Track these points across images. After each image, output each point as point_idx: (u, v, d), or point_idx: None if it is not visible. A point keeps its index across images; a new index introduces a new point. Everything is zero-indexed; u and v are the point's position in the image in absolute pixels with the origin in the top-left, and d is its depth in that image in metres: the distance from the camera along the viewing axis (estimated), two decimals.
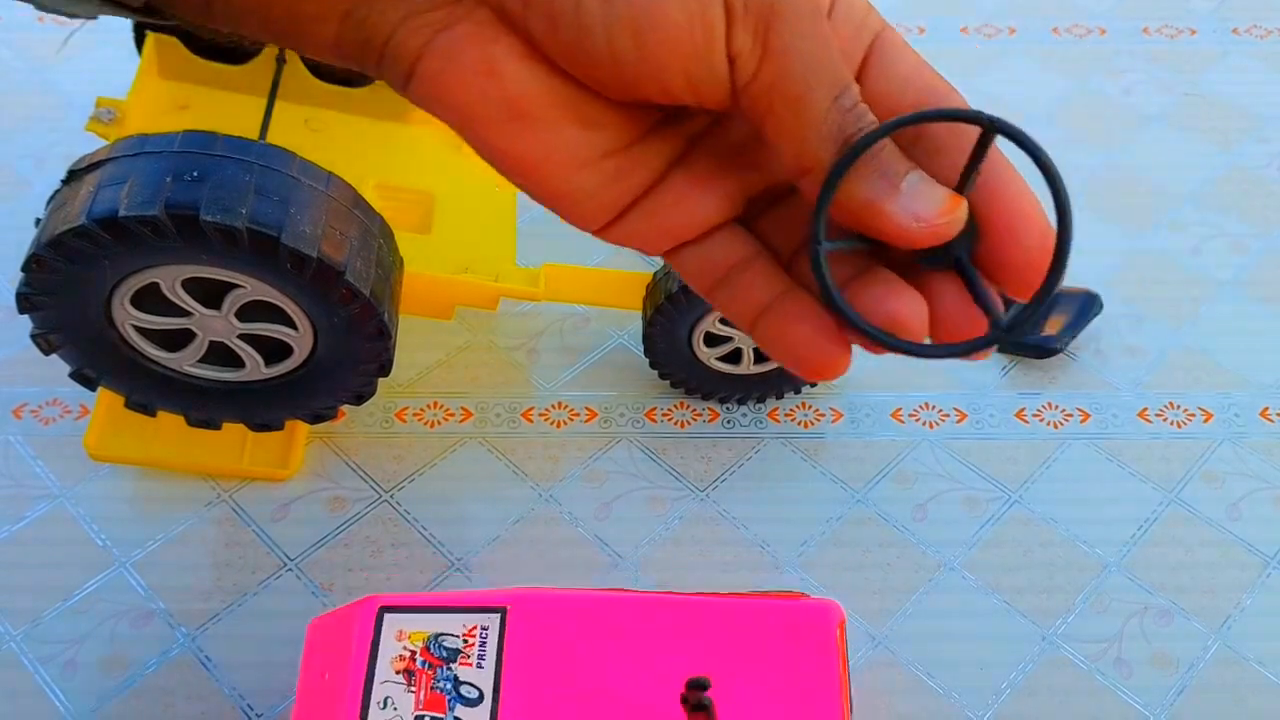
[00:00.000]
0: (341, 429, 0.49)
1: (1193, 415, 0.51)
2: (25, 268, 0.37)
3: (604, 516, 0.47)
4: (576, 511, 0.47)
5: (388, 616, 0.35)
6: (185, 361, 0.42)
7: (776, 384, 0.50)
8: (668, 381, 0.50)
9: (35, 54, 0.66)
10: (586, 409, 0.50)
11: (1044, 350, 0.52)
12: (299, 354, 0.42)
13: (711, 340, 0.48)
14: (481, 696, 0.33)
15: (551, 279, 0.48)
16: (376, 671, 0.33)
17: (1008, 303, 0.23)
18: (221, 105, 0.51)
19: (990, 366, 0.53)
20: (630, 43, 0.23)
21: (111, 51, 0.66)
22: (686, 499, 0.47)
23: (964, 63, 0.70)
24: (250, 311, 0.40)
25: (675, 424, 0.50)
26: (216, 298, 0.39)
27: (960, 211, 0.24)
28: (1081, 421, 0.51)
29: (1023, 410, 0.51)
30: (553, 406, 0.50)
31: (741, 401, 0.50)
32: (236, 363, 0.42)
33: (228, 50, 0.52)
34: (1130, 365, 0.53)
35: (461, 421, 0.50)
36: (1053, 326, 0.53)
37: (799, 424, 0.50)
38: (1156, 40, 0.71)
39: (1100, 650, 0.43)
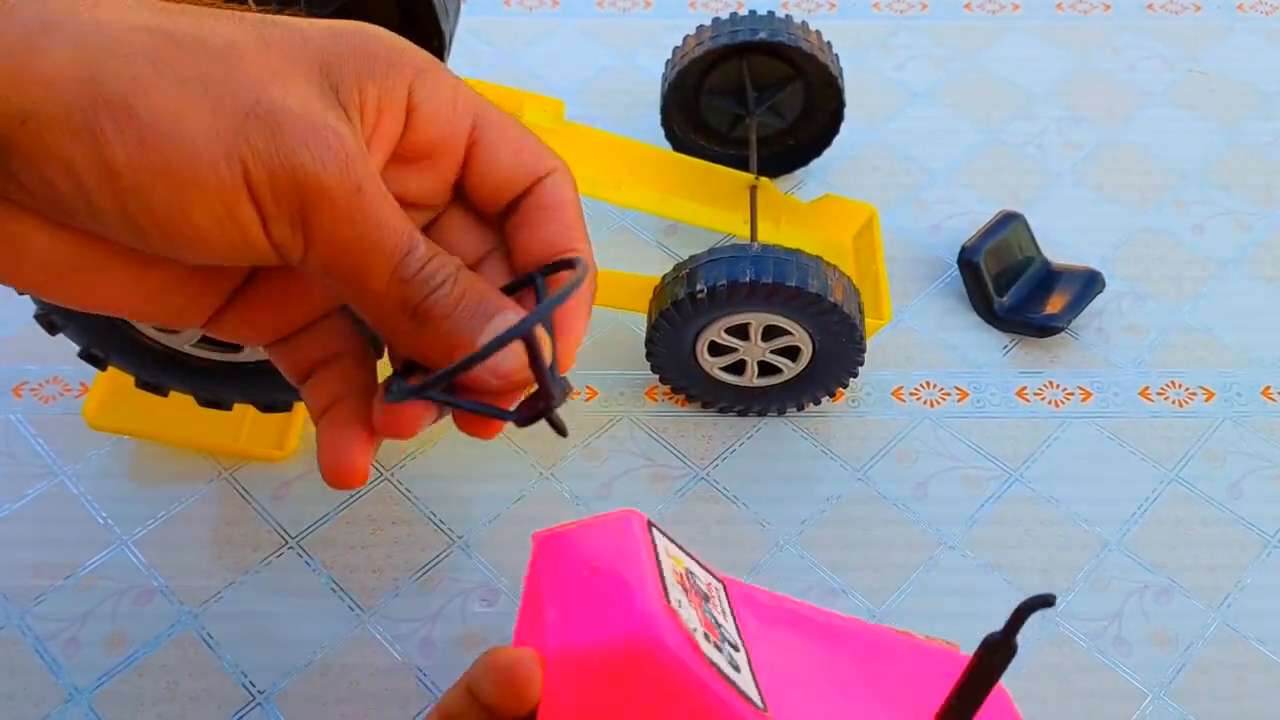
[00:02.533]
0: None
1: (1194, 394, 0.51)
2: None
3: (605, 495, 0.47)
4: (577, 490, 0.47)
5: (654, 530, 0.29)
6: (185, 342, 0.42)
7: (779, 398, 0.49)
8: (668, 387, 0.50)
9: None
10: (587, 388, 0.50)
11: (1045, 329, 0.52)
12: None
13: (716, 350, 0.47)
14: (737, 645, 0.28)
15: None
16: (664, 568, 0.27)
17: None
18: None
19: (991, 345, 0.53)
20: (164, 244, 0.23)
21: None
22: (686, 477, 0.47)
23: (967, 39, 0.69)
24: None
25: (675, 402, 0.50)
26: None
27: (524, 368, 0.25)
28: (1083, 400, 0.51)
29: (1024, 389, 0.51)
30: None
31: (743, 413, 0.50)
32: (234, 345, 0.42)
33: None
34: (1132, 344, 0.53)
35: None
36: (1054, 305, 0.53)
37: (799, 402, 0.50)
38: (1161, 17, 0.71)
39: (1100, 628, 0.43)
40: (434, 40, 0.54)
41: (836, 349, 0.46)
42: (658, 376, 0.49)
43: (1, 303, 0.52)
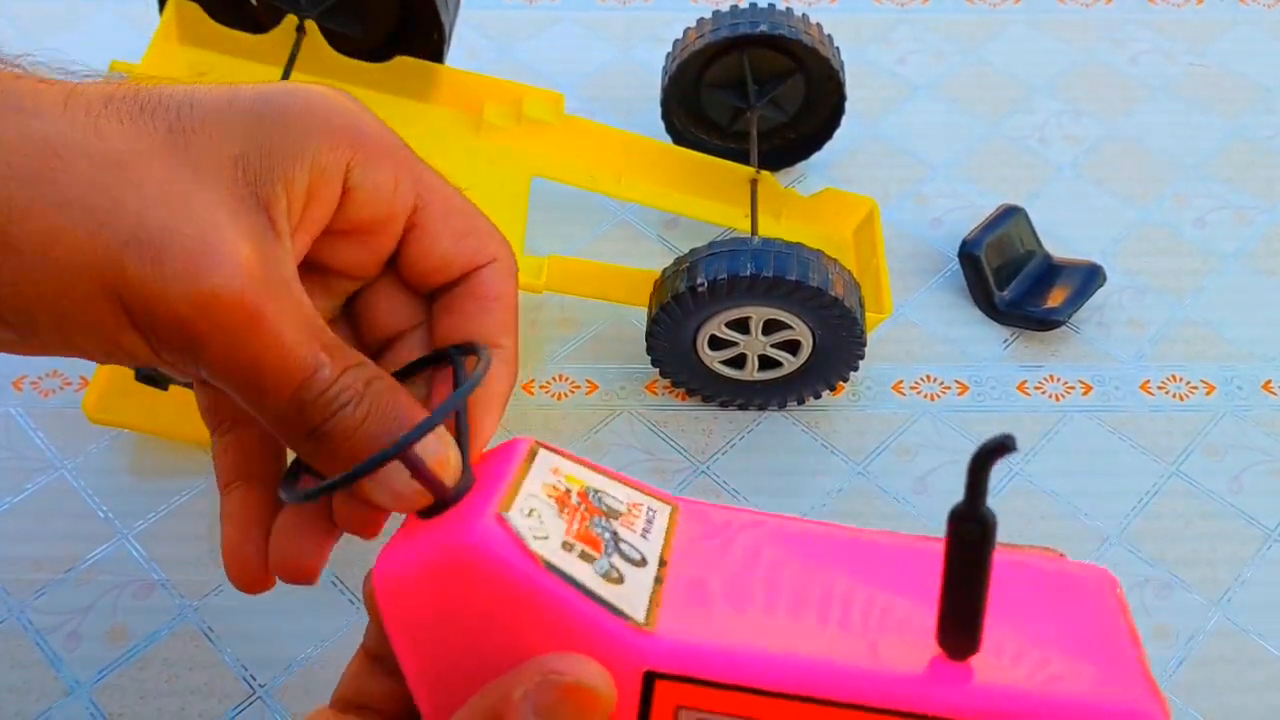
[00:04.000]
0: None
1: (1195, 388, 0.51)
2: None
3: None
4: None
5: (543, 452, 0.27)
6: None
7: (780, 393, 0.49)
8: (669, 380, 0.49)
9: (30, 25, 0.65)
10: (588, 381, 0.50)
11: (1046, 322, 0.52)
12: None
13: (716, 344, 0.47)
14: (644, 561, 0.25)
15: (555, 271, 0.48)
16: (525, 485, 0.25)
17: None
18: (239, 73, 0.51)
19: (992, 339, 0.53)
20: (62, 354, 0.23)
21: (108, 20, 0.65)
22: (687, 471, 0.47)
23: (968, 32, 0.69)
24: None
25: (676, 396, 0.50)
26: None
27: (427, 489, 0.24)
28: (1083, 394, 0.51)
29: (1024, 383, 0.51)
30: (554, 379, 0.50)
31: (743, 407, 0.50)
32: None
33: (247, 18, 0.52)
34: (1133, 338, 0.53)
35: None
36: (1055, 298, 0.53)
37: (799, 396, 0.50)
38: (1162, 10, 0.71)
39: None
40: (434, 34, 0.54)
41: (837, 343, 0.46)
42: (658, 370, 0.49)
43: None
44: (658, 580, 0.25)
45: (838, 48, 0.56)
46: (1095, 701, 0.23)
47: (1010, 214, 0.55)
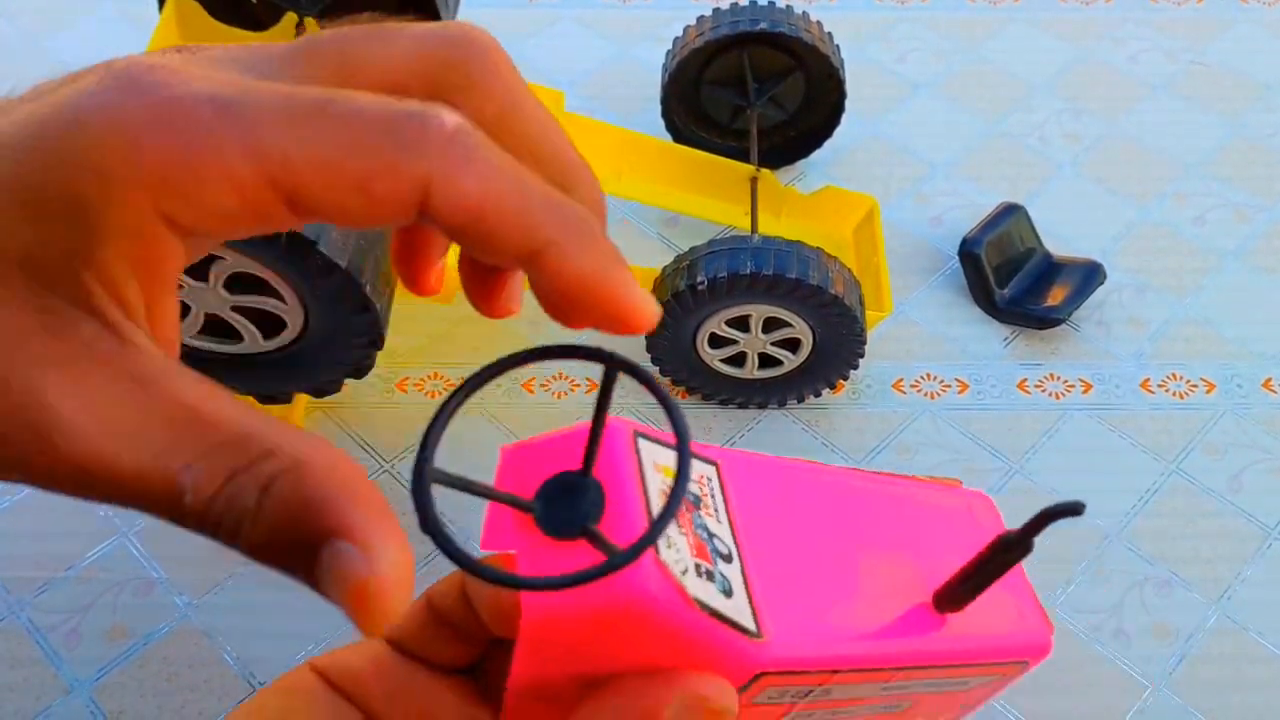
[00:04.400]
0: (343, 400, 0.49)
1: (1195, 386, 0.51)
2: None
3: None
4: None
5: (643, 443, 0.26)
6: (185, 334, 0.42)
7: (780, 391, 0.49)
8: (669, 379, 0.49)
9: (30, 25, 0.65)
10: (588, 379, 0.50)
11: (1046, 321, 0.52)
12: (292, 327, 0.41)
13: (716, 342, 0.47)
14: (730, 553, 0.26)
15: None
16: (651, 498, 0.25)
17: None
18: None
19: (992, 337, 0.53)
20: None
21: (102, 20, 0.65)
22: None
23: (968, 31, 0.69)
24: (238, 284, 0.40)
25: (676, 394, 0.50)
26: (203, 270, 0.39)
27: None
28: (1083, 392, 0.51)
29: (1024, 381, 0.51)
30: (554, 377, 0.50)
31: (743, 406, 0.50)
32: (235, 335, 0.42)
33: (247, 16, 0.52)
34: (1133, 336, 0.53)
35: None
36: (1055, 297, 0.53)
37: (799, 394, 0.50)
38: (1163, 9, 0.71)
39: (1100, 620, 0.43)
40: None
41: (837, 341, 0.46)
42: (658, 368, 0.49)
43: None
44: (743, 575, 0.26)
45: (838, 45, 0.56)
46: (1017, 638, 0.31)
47: (1010, 212, 0.55)
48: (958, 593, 0.28)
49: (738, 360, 0.48)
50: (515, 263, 0.20)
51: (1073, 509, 0.25)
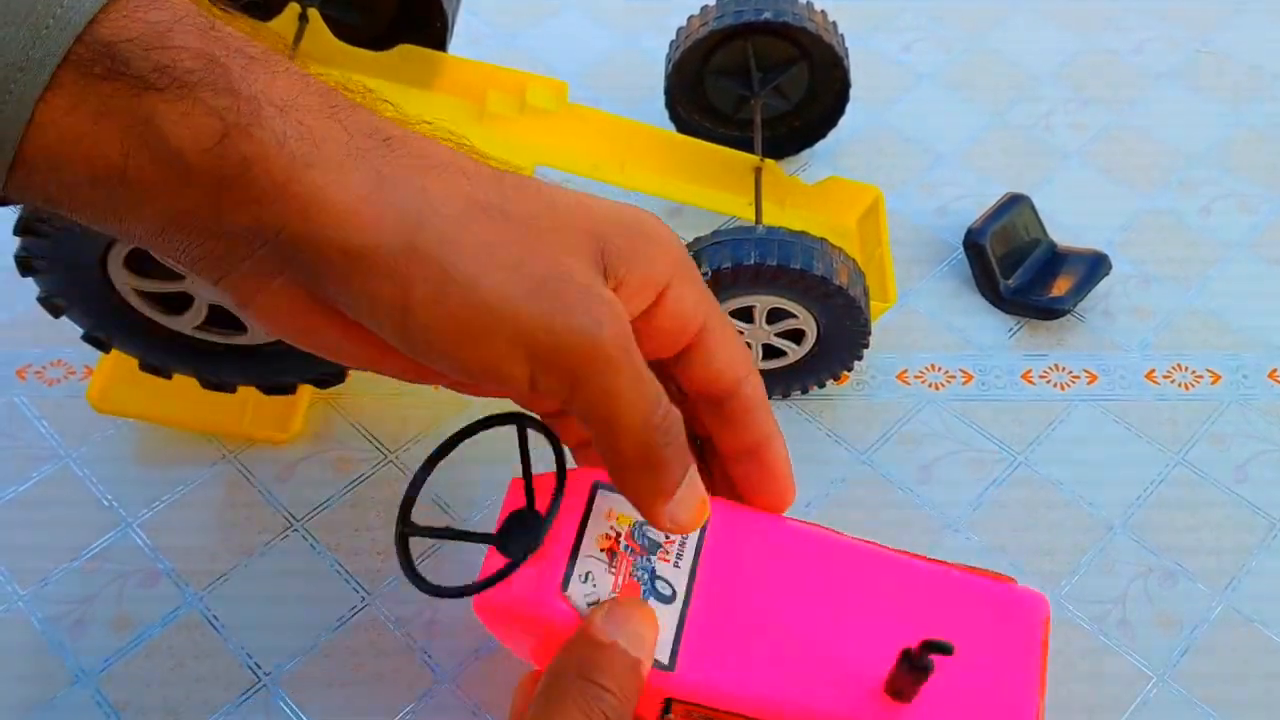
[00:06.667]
0: (347, 391, 0.49)
1: (1200, 377, 0.51)
2: (16, 230, 0.37)
3: None
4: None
5: (601, 492, 0.33)
6: (188, 324, 0.42)
7: (784, 381, 0.49)
8: None
9: None
10: None
11: (1051, 311, 0.52)
12: None
13: None
14: (674, 595, 0.32)
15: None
16: (583, 545, 0.32)
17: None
18: None
19: (997, 328, 0.53)
20: (432, 363, 0.28)
21: None
22: None
23: (973, 20, 0.69)
24: None
25: None
26: None
27: (704, 514, 0.31)
28: (1088, 383, 0.51)
29: (1029, 371, 0.51)
30: None
31: None
32: (239, 326, 0.42)
33: (250, 5, 0.52)
34: (1138, 326, 0.53)
35: None
36: (1060, 287, 0.53)
37: (804, 385, 0.50)
38: None
39: (1104, 611, 0.43)
40: (436, 22, 0.54)
41: (841, 332, 0.46)
42: None
43: (4, 286, 0.52)
44: (682, 616, 0.32)
45: (842, 35, 0.56)
46: None
47: (1015, 202, 0.55)
48: (899, 684, 0.31)
49: None
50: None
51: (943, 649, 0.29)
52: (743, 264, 0.43)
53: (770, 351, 0.48)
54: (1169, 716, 0.41)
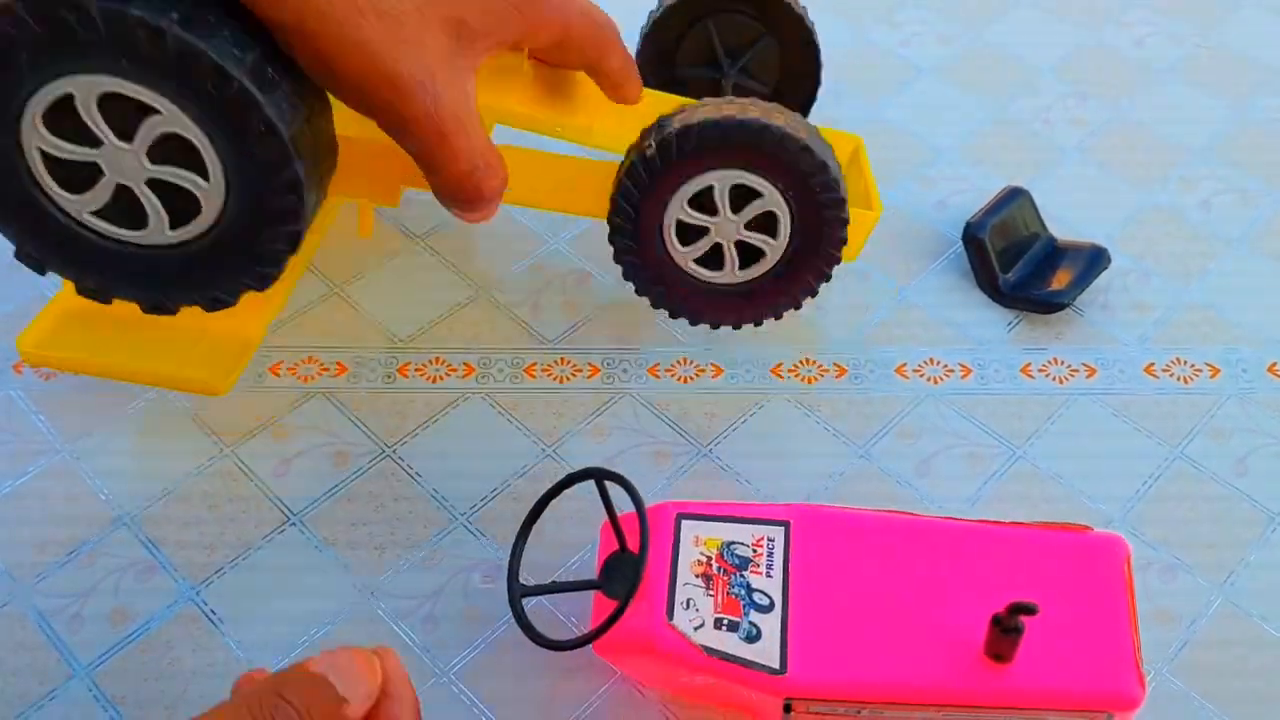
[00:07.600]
0: (344, 384, 0.49)
1: (1200, 371, 0.51)
2: None
3: None
4: (581, 466, 0.47)
5: (685, 523, 0.37)
6: (88, 206, 0.39)
7: (769, 296, 0.47)
8: (648, 299, 0.48)
9: None
10: (589, 365, 0.50)
11: (1050, 305, 0.52)
12: (207, 214, 0.39)
13: (686, 237, 0.45)
14: (773, 604, 0.35)
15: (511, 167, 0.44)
16: (679, 574, 0.36)
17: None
18: None
19: (996, 322, 0.53)
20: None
21: None
22: (689, 454, 0.47)
23: (973, 14, 0.69)
24: (163, 154, 0.38)
25: (678, 379, 0.50)
26: (134, 124, 0.37)
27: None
28: (1087, 377, 0.51)
29: (1028, 365, 0.51)
30: (555, 362, 0.50)
31: (736, 325, 0.48)
32: (138, 221, 0.40)
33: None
34: (1137, 320, 0.53)
35: (464, 377, 0.50)
36: (1060, 281, 0.53)
37: (802, 379, 0.50)
38: None
39: None
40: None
41: (817, 213, 0.44)
42: (635, 289, 0.48)
43: (1, 279, 0.52)
44: (784, 621, 0.35)
45: (805, 7, 0.55)
46: (1092, 689, 0.34)
47: (1015, 196, 0.55)
48: (997, 648, 0.33)
49: (715, 261, 0.46)
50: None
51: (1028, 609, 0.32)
52: (690, 126, 0.42)
53: (748, 256, 0.46)
54: (1167, 710, 0.40)
